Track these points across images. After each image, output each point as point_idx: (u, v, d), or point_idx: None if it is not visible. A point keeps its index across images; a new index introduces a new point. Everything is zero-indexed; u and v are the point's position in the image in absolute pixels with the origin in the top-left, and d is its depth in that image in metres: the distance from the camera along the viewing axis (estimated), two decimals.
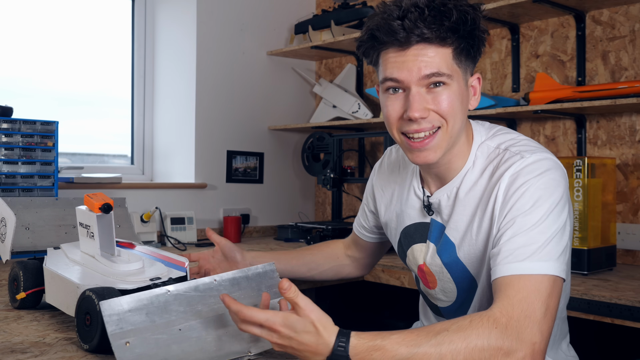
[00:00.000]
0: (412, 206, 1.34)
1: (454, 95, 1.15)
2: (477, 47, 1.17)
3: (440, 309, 1.36)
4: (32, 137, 2.28)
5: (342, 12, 3.00)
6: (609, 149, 2.35)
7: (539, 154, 1.15)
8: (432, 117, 1.15)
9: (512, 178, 1.14)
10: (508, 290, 1.04)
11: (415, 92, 1.13)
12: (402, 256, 1.41)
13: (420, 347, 0.95)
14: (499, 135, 1.24)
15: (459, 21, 1.11)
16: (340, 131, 3.20)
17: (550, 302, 1.04)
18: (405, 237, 1.36)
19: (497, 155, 1.20)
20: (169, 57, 3.10)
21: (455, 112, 1.15)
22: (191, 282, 1.09)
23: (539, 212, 1.09)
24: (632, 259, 2.29)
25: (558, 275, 1.06)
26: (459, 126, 1.18)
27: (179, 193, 2.97)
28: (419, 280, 1.41)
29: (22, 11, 2.80)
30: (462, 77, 1.17)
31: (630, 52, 2.30)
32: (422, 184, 1.32)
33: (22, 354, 1.09)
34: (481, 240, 1.19)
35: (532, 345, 0.99)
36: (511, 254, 1.07)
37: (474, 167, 1.22)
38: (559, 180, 1.14)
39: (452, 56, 1.14)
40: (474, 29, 1.14)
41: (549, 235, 1.08)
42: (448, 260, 1.26)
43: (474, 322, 0.99)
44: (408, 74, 1.13)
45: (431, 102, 1.14)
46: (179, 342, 1.02)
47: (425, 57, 1.12)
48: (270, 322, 0.95)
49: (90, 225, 1.29)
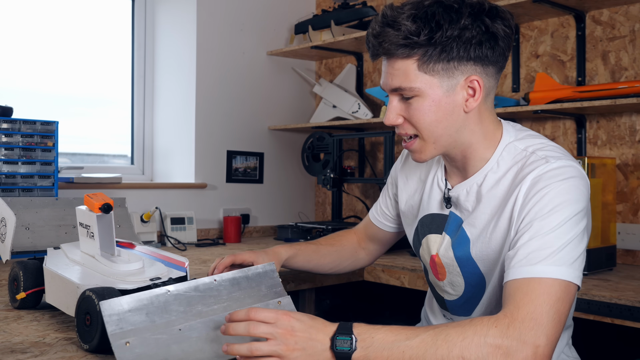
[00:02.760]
0: (434, 197, 1.35)
1: (427, 105, 1.16)
2: (456, 49, 1.13)
3: (446, 302, 1.37)
4: (32, 137, 2.28)
5: (342, 12, 3.00)
6: (609, 149, 2.35)
7: (564, 161, 1.14)
8: (406, 126, 1.20)
9: (534, 181, 1.13)
10: (517, 293, 1.03)
11: (391, 99, 1.20)
12: (416, 245, 1.42)
13: (418, 336, 0.98)
14: (528, 138, 1.23)
15: (415, 32, 1.11)
16: (340, 131, 3.20)
17: (560, 307, 1.02)
18: (422, 226, 1.37)
19: (524, 157, 1.19)
20: (168, 57, 3.10)
21: (428, 122, 1.17)
22: (191, 282, 1.09)
23: (557, 217, 1.08)
24: (632, 259, 2.29)
25: (571, 281, 1.04)
26: (440, 133, 1.19)
27: (179, 193, 2.97)
28: (428, 271, 1.41)
29: (22, 12, 2.80)
30: (441, 84, 1.15)
31: (630, 52, 2.30)
32: (445, 176, 1.33)
33: (22, 354, 1.09)
34: (495, 240, 1.19)
35: (534, 348, 0.97)
36: (525, 258, 1.07)
37: (498, 167, 1.21)
38: (581, 190, 1.12)
39: (417, 67, 1.14)
40: (435, 33, 1.11)
41: (565, 240, 1.07)
42: (460, 255, 1.27)
43: (474, 321, 1.00)
44: (384, 84, 1.20)
45: (405, 110, 1.19)
46: (179, 342, 1.02)
47: (392, 70, 1.17)
48: (282, 312, 0.99)
49: (90, 225, 1.29)
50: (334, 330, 0.99)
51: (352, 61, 3.26)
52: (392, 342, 0.97)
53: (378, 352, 0.97)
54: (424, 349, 0.97)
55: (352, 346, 0.97)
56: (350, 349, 0.97)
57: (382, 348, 0.97)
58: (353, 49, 3.12)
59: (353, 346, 0.97)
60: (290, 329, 0.97)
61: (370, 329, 1.00)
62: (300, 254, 1.57)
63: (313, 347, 0.97)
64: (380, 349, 0.97)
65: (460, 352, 0.96)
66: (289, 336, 0.97)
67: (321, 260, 1.61)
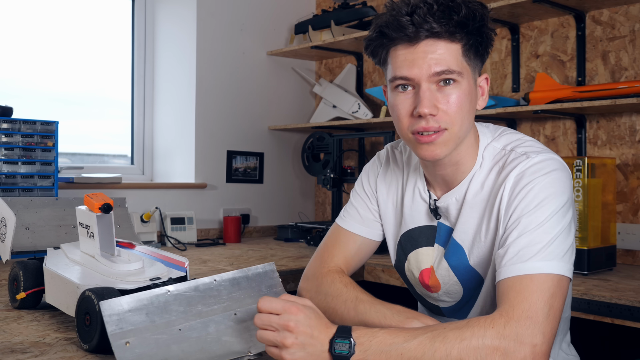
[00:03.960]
0: (417, 209, 1.31)
1: (464, 94, 1.13)
2: (486, 44, 1.16)
3: (442, 309, 1.35)
4: (32, 137, 2.28)
5: (342, 12, 3.00)
6: (609, 149, 2.35)
7: (545, 155, 1.15)
8: (440, 117, 1.13)
9: (518, 178, 1.13)
10: (510, 292, 1.03)
11: (425, 88, 1.12)
12: (400, 259, 1.37)
13: (416, 338, 0.98)
14: (505, 136, 1.23)
15: (468, 16, 1.11)
16: (340, 131, 3.20)
17: (554, 303, 1.02)
18: (408, 240, 1.34)
19: (503, 156, 1.19)
20: (169, 57, 3.10)
21: (463, 112, 1.14)
22: (191, 282, 1.09)
23: (544, 212, 1.09)
24: (632, 259, 2.29)
25: (563, 275, 1.05)
26: (467, 126, 1.17)
27: (179, 193, 2.97)
28: (414, 286, 1.38)
29: (22, 12, 2.80)
30: (472, 76, 1.16)
31: (630, 52, 2.30)
32: (427, 187, 1.30)
33: (22, 354, 1.09)
34: (489, 241, 1.19)
35: (532, 347, 0.97)
36: (515, 255, 1.07)
37: (481, 169, 1.21)
38: (564, 181, 1.13)
39: (461, 52, 1.13)
40: (483, 26, 1.13)
41: (554, 234, 1.07)
42: (456, 264, 1.25)
43: (471, 322, 1.00)
44: (418, 71, 1.12)
45: (441, 101, 1.13)
46: (179, 342, 1.02)
47: (435, 54, 1.11)
48: (290, 303, 0.99)
49: (90, 225, 1.29)
50: (334, 333, 0.99)
51: (352, 61, 3.26)
52: (390, 345, 0.97)
53: (376, 355, 0.97)
54: (422, 351, 0.97)
55: (350, 350, 0.97)
56: (348, 352, 0.97)
57: (380, 351, 0.97)
58: (353, 49, 3.12)
59: (351, 350, 0.97)
60: (294, 323, 0.97)
61: (369, 332, 0.99)
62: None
63: (312, 346, 0.97)
64: (379, 352, 0.97)
65: (458, 354, 0.96)
66: (290, 330, 0.97)
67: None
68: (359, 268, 1.67)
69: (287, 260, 2.34)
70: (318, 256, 1.39)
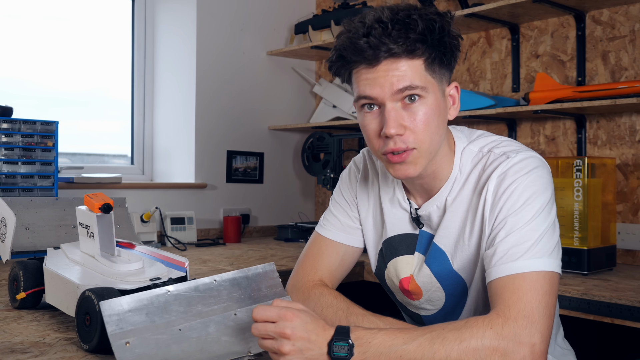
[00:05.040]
0: (398, 218, 1.30)
1: (430, 110, 1.11)
2: (450, 54, 1.14)
3: (423, 317, 1.34)
4: (32, 137, 2.28)
5: (342, 12, 3.00)
6: (609, 149, 2.35)
7: (524, 153, 1.15)
8: (407, 137, 1.11)
9: (500, 179, 1.13)
10: (504, 292, 1.04)
11: (390, 108, 1.10)
12: (380, 267, 1.37)
13: (415, 340, 0.98)
14: (480, 139, 1.23)
15: (426, 31, 1.08)
16: (340, 131, 3.20)
17: (549, 300, 1.03)
18: (388, 248, 1.33)
19: (482, 158, 1.19)
20: (169, 57, 3.10)
21: (431, 129, 1.12)
22: (191, 282, 1.09)
23: (529, 210, 1.09)
24: (632, 259, 2.29)
25: (554, 271, 1.06)
26: (437, 141, 1.15)
27: (179, 193, 2.97)
28: (394, 294, 1.37)
29: (22, 12, 2.80)
30: (438, 88, 1.14)
31: (630, 52, 2.30)
32: (407, 196, 1.29)
33: (22, 354, 1.09)
34: (473, 244, 1.18)
35: (530, 347, 0.98)
36: (505, 254, 1.07)
37: (461, 174, 1.21)
38: (546, 178, 1.14)
39: (424, 67, 1.10)
40: (443, 37, 1.11)
41: (541, 232, 1.08)
42: (439, 270, 1.24)
43: (469, 323, 1.00)
44: (381, 90, 1.10)
45: (407, 119, 1.10)
46: (179, 342, 1.02)
47: (396, 72, 1.09)
48: (285, 309, 0.98)
49: (90, 225, 1.29)
50: (332, 335, 0.98)
51: None
52: (389, 347, 0.97)
53: (375, 356, 0.97)
54: (421, 353, 0.97)
55: (349, 352, 0.96)
56: (347, 354, 0.96)
57: (380, 353, 0.97)
58: None
59: (350, 352, 0.96)
60: (290, 330, 0.97)
61: (368, 333, 0.99)
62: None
63: (310, 351, 0.97)
64: (378, 353, 0.97)
65: (458, 355, 0.96)
66: (287, 337, 0.97)
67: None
68: (359, 269, 1.68)
69: (287, 260, 2.34)
70: (300, 268, 1.35)
